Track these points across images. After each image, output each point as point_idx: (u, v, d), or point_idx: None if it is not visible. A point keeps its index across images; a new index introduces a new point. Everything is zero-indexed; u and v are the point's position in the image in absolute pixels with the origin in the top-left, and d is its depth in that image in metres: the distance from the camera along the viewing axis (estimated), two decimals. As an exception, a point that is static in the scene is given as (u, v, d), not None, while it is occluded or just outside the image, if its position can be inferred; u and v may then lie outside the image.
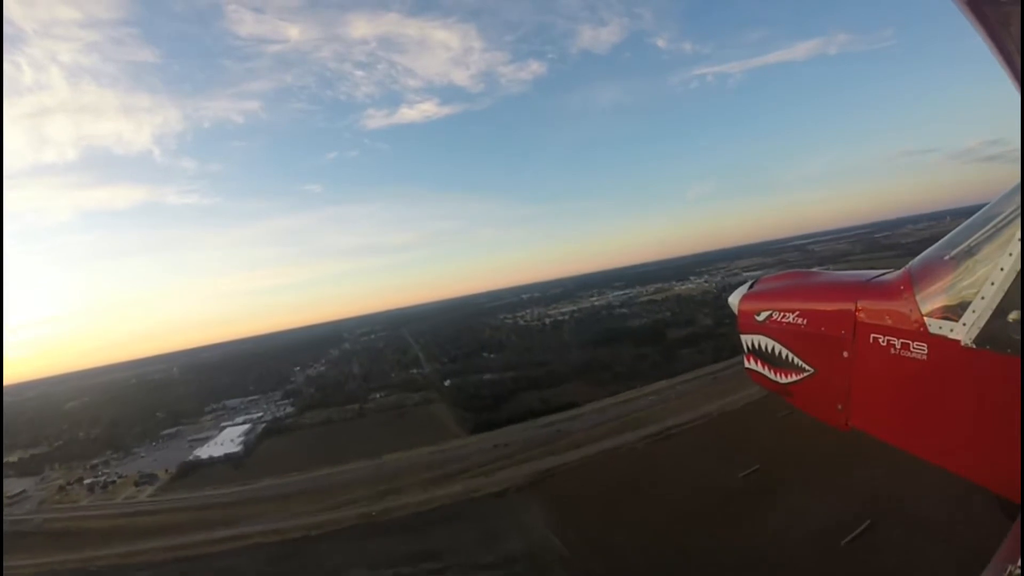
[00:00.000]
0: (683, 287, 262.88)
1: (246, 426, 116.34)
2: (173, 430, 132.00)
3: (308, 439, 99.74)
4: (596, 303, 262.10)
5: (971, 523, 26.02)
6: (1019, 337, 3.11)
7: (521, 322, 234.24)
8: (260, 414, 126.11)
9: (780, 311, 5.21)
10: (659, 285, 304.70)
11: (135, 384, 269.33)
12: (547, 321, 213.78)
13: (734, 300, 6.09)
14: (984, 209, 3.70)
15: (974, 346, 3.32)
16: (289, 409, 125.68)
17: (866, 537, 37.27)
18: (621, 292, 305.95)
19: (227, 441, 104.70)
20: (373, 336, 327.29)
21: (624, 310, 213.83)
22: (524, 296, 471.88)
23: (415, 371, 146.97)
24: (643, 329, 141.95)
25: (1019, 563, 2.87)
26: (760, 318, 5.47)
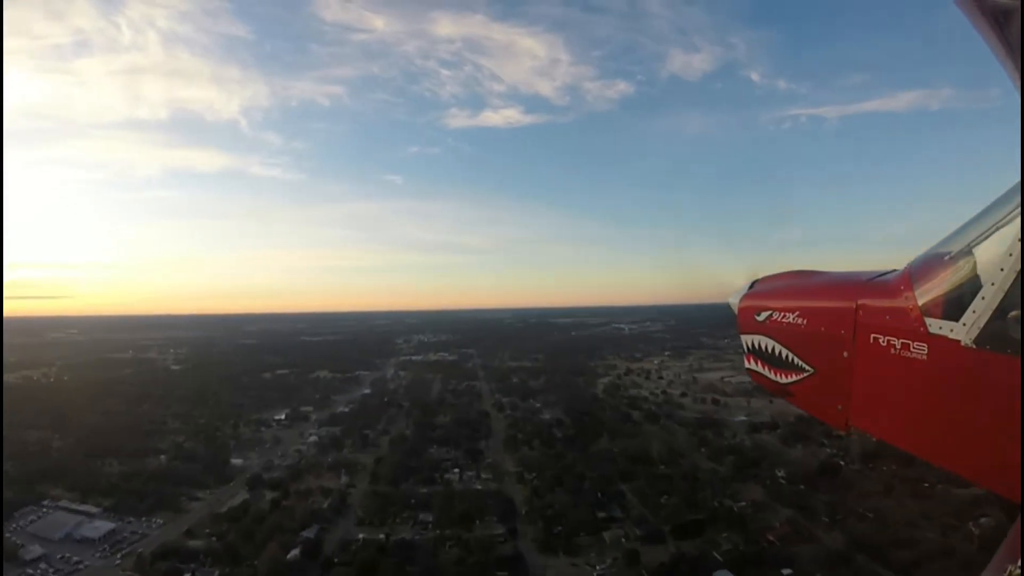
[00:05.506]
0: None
1: None
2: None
3: None
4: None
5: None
6: (1019, 337, 3.07)
7: (684, 399, 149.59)
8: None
9: (780, 311, 5.10)
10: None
11: (92, 382, 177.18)
12: (744, 428, 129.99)
13: (734, 300, 6.05)
14: (984, 209, 3.62)
15: (974, 346, 3.26)
16: None
17: None
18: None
19: None
20: (433, 356, 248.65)
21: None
22: (624, 329, 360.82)
23: None
24: None
25: (1019, 563, 2.88)
26: (760, 318, 5.36)
